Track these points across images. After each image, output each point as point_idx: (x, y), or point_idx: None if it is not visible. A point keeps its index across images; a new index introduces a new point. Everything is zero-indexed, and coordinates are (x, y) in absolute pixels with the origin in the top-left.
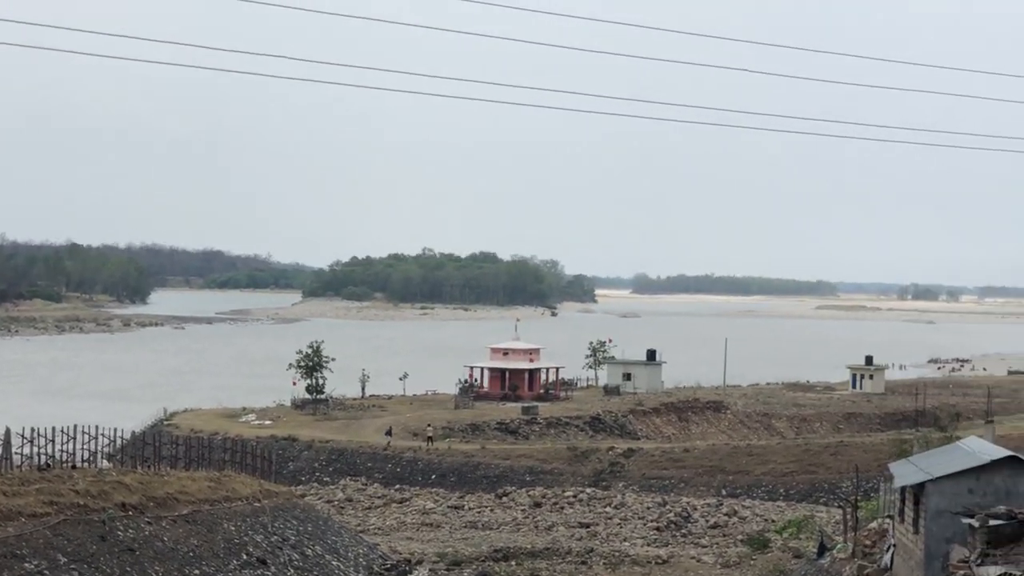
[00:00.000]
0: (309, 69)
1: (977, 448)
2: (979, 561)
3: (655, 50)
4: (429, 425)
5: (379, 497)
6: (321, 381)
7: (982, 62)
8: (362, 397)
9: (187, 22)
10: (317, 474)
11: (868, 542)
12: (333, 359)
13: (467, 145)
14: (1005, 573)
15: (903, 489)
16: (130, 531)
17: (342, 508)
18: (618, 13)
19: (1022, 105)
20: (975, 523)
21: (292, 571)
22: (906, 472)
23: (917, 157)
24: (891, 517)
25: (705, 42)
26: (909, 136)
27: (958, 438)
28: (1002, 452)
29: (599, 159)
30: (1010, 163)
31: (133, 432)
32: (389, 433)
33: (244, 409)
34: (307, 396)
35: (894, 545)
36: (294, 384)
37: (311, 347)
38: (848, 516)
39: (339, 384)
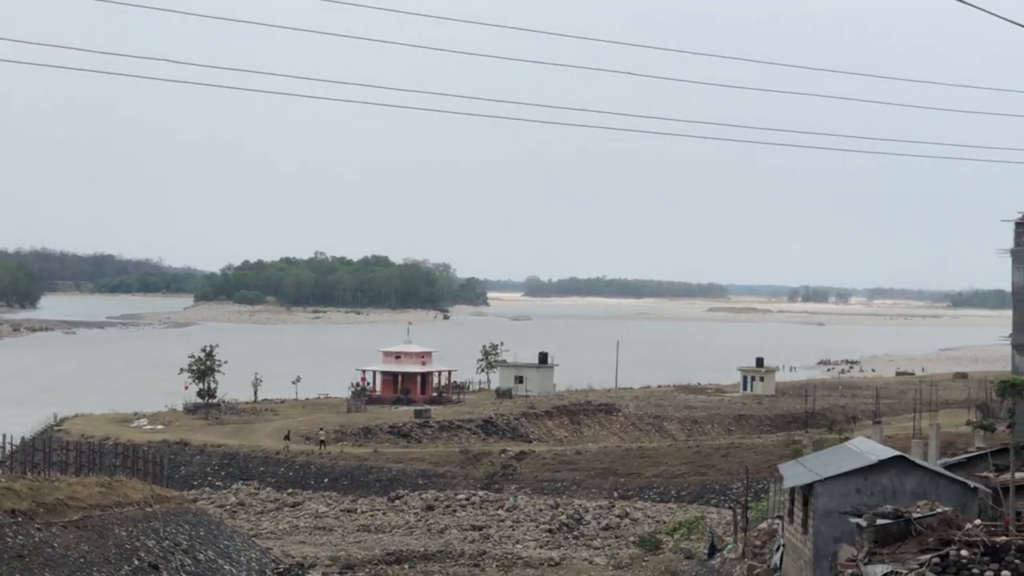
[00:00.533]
0: (199, 72)
1: (865, 449)
2: (867, 560)
3: (543, 53)
4: (321, 429)
5: (271, 501)
6: (213, 385)
7: (869, 65)
8: (254, 401)
9: (71, 20)
10: (209, 479)
11: (758, 542)
12: (225, 363)
13: (359, 148)
14: (892, 571)
15: (792, 490)
16: (20, 537)
17: (234, 512)
18: (505, 16)
19: (910, 108)
20: (863, 522)
21: None
22: (795, 473)
23: (808, 160)
24: (780, 518)
25: (592, 45)
26: (799, 139)
27: (846, 439)
28: (889, 452)
29: (491, 162)
30: (900, 167)
31: (23, 438)
32: (288, 438)
33: (135, 414)
34: (199, 400)
35: (783, 545)
36: (186, 388)
37: (203, 351)
38: (738, 517)
39: (231, 388)
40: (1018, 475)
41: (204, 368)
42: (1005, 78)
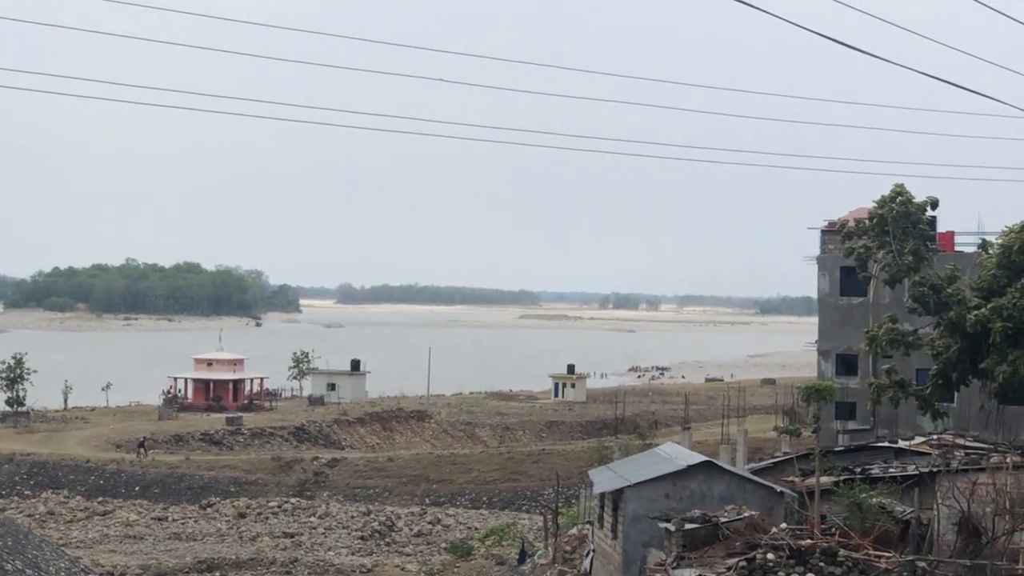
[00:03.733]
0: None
1: (674, 454)
2: (675, 564)
3: (353, 59)
4: (144, 438)
5: (82, 510)
6: (22, 393)
7: (677, 73)
8: (64, 409)
9: None
10: (18, 488)
11: (568, 548)
12: (34, 371)
13: (168, 154)
14: (699, 575)
15: (602, 495)
16: None
17: (44, 522)
18: (316, 21)
19: (715, 116)
20: (671, 527)
21: None
22: (605, 478)
23: (615, 166)
24: (591, 523)
25: (403, 52)
26: (606, 146)
27: (656, 444)
28: (697, 457)
29: (302, 169)
30: (709, 174)
31: None
32: (142, 446)
33: None
34: (8, 409)
35: (594, 550)
36: None
37: (12, 359)
38: (549, 522)
39: (41, 396)
40: (823, 479)
41: (13, 376)
42: (808, 87)
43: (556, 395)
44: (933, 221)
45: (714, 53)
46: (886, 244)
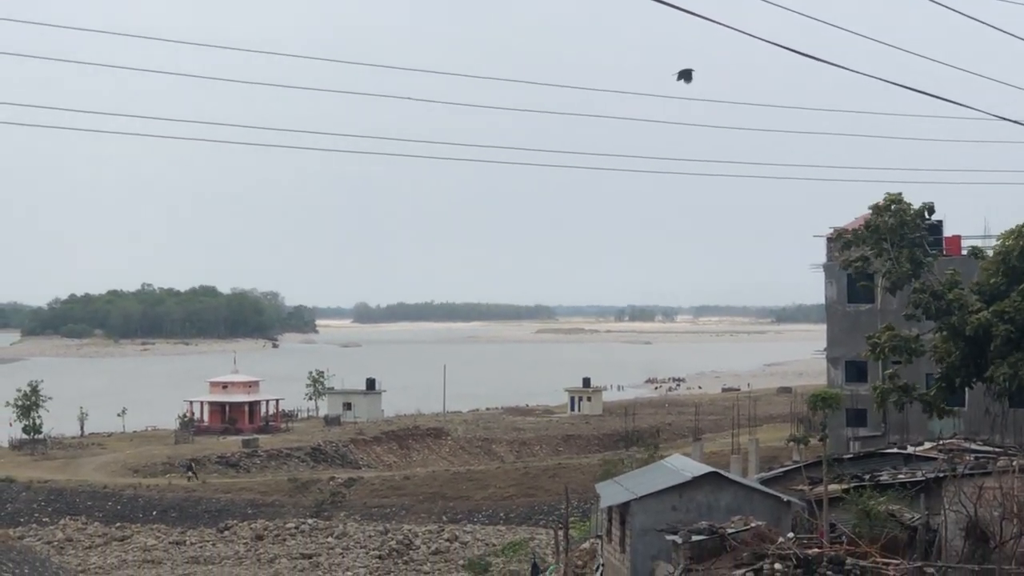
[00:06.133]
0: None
1: (680, 466)
2: None
3: (362, 84)
4: (192, 461)
5: (100, 536)
6: (38, 421)
7: (677, 88)
8: (81, 435)
9: None
10: (36, 515)
11: (580, 562)
12: (50, 398)
13: (181, 178)
14: None
15: (610, 509)
16: None
17: (62, 548)
18: (323, 47)
19: (729, 131)
20: (678, 539)
21: None
22: (612, 492)
23: (628, 181)
24: (600, 537)
25: (411, 75)
26: (618, 163)
27: (661, 457)
28: (703, 469)
29: (315, 190)
30: (719, 186)
31: None
32: (190, 468)
33: None
34: (24, 436)
35: (603, 564)
36: (11, 425)
37: (28, 386)
38: (559, 538)
39: (58, 423)
40: (832, 487)
41: (29, 403)
42: (818, 98)
43: (572, 409)
44: (939, 226)
45: (716, 68)
46: (884, 252)
